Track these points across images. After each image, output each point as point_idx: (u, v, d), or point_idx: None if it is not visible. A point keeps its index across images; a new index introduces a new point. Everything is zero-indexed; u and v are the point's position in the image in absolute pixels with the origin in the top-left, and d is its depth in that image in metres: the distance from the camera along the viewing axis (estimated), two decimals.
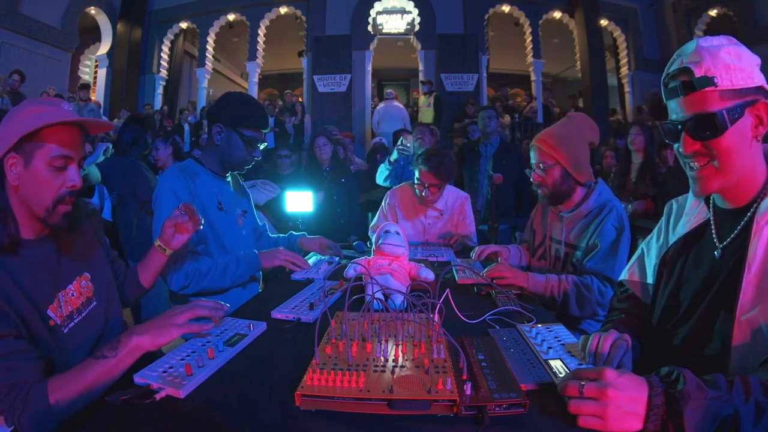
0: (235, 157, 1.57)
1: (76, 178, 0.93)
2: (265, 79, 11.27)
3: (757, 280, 0.77)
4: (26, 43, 7.16)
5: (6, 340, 0.80)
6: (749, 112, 0.78)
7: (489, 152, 3.64)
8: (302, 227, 3.09)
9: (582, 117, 1.71)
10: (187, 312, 0.91)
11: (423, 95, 7.87)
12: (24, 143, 0.88)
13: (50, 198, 0.91)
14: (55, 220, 0.92)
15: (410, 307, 0.96)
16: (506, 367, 0.82)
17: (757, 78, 0.78)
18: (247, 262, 1.54)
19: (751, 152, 0.80)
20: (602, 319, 1.50)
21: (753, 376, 0.67)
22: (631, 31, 9.12)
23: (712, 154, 0.81)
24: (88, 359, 0.83)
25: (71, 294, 0.98)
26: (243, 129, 1.54)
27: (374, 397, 0.70)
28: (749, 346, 0.77)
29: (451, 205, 2.34)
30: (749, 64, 0.78)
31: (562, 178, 1.58)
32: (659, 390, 0.66)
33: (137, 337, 0.85)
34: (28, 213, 0.92)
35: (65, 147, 0.91)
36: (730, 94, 0.78)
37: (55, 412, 0.77)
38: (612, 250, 1.50)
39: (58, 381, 0.79)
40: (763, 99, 0.78)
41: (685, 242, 0.96)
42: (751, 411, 0.63)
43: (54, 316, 0.92)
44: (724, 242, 0.86)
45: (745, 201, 0.84)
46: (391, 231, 1.45)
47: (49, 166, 0.90)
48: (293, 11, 8.90)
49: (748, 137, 0.79)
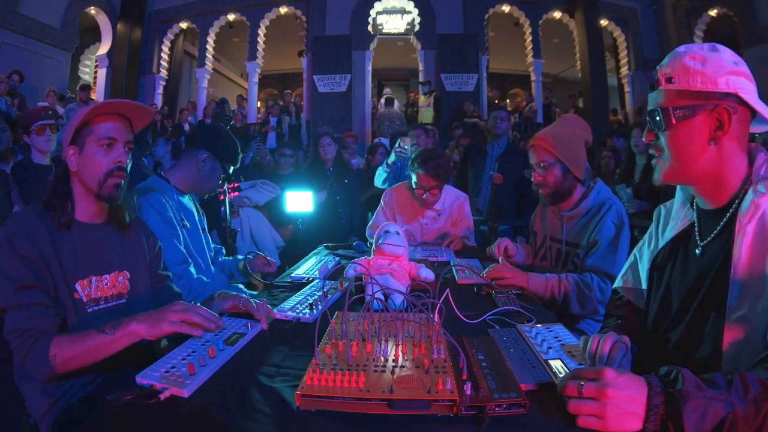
0: (208, 186, 1.70)
1: (122, 156, 1.10)
2: (265, 79, 11.27)
3: (744, 280, 0.79)
4: (26, 43, 7.16)
5: (33, 291, 0.96)
6: (705, 115, 0.82)
7: (496, 153, 3.63)
8: (302, 227, 3.09)
9: (574, 117, 1.75)
10: (183, 314, 0.95)
11: (423, 95, 7.87)
12: (78, 135, 1.07)
13: (102, 172, 1.07)
14: (107, 191, 1.08)
15: (410, 307, 0.96)
16: (506, 367, 0.82)
17: (724, 85, 0.80)
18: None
19: (714, 153, 0.83)
20: (602, 318, 1.51)
21: (751, 373, 0.67)
22: (631, 31, 9.12)
23: (661, 146, 0.88)
24: (91, 330, 0.93)
25: (105, 282, 1.11)
26: (226, 164, 1.69)
27: (374, 397, 0.70)
28: (741, 345, 0.78)
29: (449, 206, 2.34)
30: (715, 70, 0.80)
31: (563, 175, 1.59)
32: (658, 390, 0.66)
33: (135, 323, 0.93)
34: (86, 195, 1.09)
35: (110, 130, 1.08)
36: (685, 95, 0.83)
37: (51, 364, 0.91)
38: (612, 246, 1.51)
39: (62, 339, 0.94)
40: (724, 105, 0.80)
41: (673, 245, 0.97)
42: (750, 408, 0.63)
43: (81, 290, 1.04)
44: (704, 240, 0.89)
45: (724, 201, 0.86)
46: (391, 231, 1.45)
47: (98, 146, 1.07)
48: (293, 11, 8.90)
49: (702, 138, 0.83)
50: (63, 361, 0.92)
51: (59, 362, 0.91)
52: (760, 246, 0.78)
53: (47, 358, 0.91)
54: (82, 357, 0.93)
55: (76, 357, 0.92)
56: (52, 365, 0.91)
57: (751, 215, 0.79)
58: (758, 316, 0.77)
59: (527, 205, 3.63)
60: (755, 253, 0.78)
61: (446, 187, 2.30)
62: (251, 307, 1.12)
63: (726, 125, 0.81)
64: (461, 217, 2.34)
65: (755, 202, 0.79)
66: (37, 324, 0.94)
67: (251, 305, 1.12)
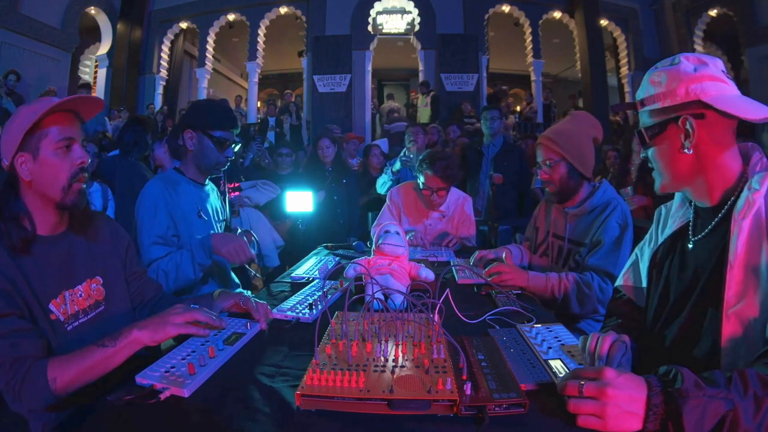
0: (208, 160, 1.61)
1: (83, 155, 1.00)
2: (265, 79, 11.27)
3: (741, 275, 0.80)
4: (26, 43, 7.15)
5: (9, 319, 0.86)
6: (673, 127, 0.87)
7: (491, 152, 3.63)
8: (302, 227, 3.09)
9: (585, 114, 1.73)
10: (187, 314, 0.94)
11: (421, 95, 7.91)
12: (28, 140, 0.94)
13: (65, 177, 0.97)
14: (71, 198, 0.98)
15: (410, 307, 0.96)
16: (506, 367, 0.82)
17: (684, 95, 0.84)
18: (200, 247, 1.46)
19: (692, 159, 0.87)
20: (602, 318, 1.51)
21: (750, 369, 0.68)
22: (631, 31, 9.12)
23: (651, 161, 0.95)
24: (89, 345, 0.87)
25: (79, 294, 1.02)
26: (212, 131, 1.59)
27: (374, 397, 0.70)
28: (739, 340, 0.79)
29: (453, 206, 2.34)
30: (674, 84, 0.85)
31: (568, 173, 1.59)
32: (657, 389, 0.66)
33: (137, 331, 0.89)
34: (44, 206, 0.98)
35: (65, 130, 0.97)
36: (655, 113, 0.90)
37: (51, 388, 0.83)
38: (615, 246, 1.51)
39: (59, 361, 0.85)
40: (686, 114, 0.84)
41: (671, 242, 1.00)
42: (750, 405, 0.63)
43: (56, 311, 0.96)
44: (697, 236, 0.92)
45: (716, 199, 0.89)
46: (391, 231, 1.45)
47: (55, 149, 0.96)
48: (293, 11, 8.90)
49: (674, 148, 0.88)
50: (64, 384, 0.84)
51: (60, 386, 0.83)
52: (756, 241, 0.80)
53: (46, 384, 0.82)
54: (84, 375, 0.85)
55: (77, 377, 0.85)
56: (53, 390, 0.83)
57: (746, 211, 0.81)
58: (755, 311, 0.78)
59: (527, 203, 3.63)
60: (751, 248, 0.80)
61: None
62: (251, 307, 1.11)
63: (693, 132, 0.84)
64: (463, 219, 2.34)
65: (750, 198, 0.81)
66: (24, 351, 0.85)
67: (251, 304, 1.12)
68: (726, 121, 0.84)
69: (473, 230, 2.37)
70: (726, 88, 0.83)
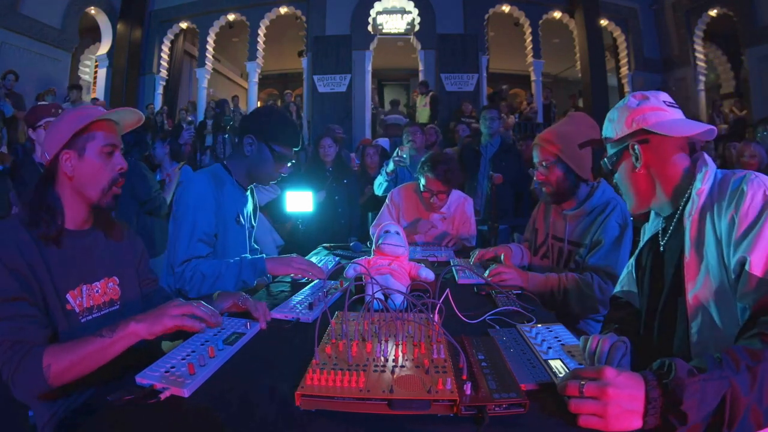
0: (262, 171, 1.59)
1: (122, 162, 1.08)
2: (265, 79, 11.27)
3: (694, 262, 0.92)
4: (26, 43, 7.15)
5: (20, 303, 0.90)
6: (626, 154, 1.03)
7: (489, 153, 3.64)
8: (302, 227, 3.09)
9: (582, 116, 1.71)
10: (184, 307, 0.94)
11: (420, 95, 7.93)
12: (76, 139, 1.02)
13: (106, 180, 1.05)
14: (107, 200, 1.06)
15: (410, 307, 0.96)
16: (506, 367, 0.82)
17: (629, 126, 1.01)
18: (252, 267, 1.47)
19: (645, 178, 1.02)
20: (602, 318, 1.51)
21: (736, 345, 0.72)
22: (631, 31, 9.11)
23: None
24: (86, 335, 0.88)
25: (96, 290, 1.06)
26: (275, 144, 1.56)
27: (374, 397, 0.70)
28: (704, 320, 0.89)
29: (453, 207, 2.35)
30: (623, 119, 1.02)
31: (564, 175, 1.58)
32: (654, 383, 0.66)
33: (134, 323, 0.89)
34: (77, 203, 1.05)
35: (110, 137, 1.06)
36: (612, 145, 1.08)
37: (45, 376, 0.84)
38: (615, 246, 1.51)
39: (55, 348, 0.87)
40: (633, 141, 1.01)
41: (650, 246, 1.11)
42: (745, 377, 0.65)
43: (72, 301, 0.99)
44: (664, 239, 1.05)
45: (675, 206, 1.01)
46: (391, 231, 1.45)
47: (100, 153, 1.04)
48: (293, 11, 8.90)
49: (630, 169, 1.03)
50: (58, 372, 0.84)
51: (54, 373, 0.84)
52: (701, 233, 0.91)
53: (40, 371, 0.84)
54: (79, 365, 0.86)
55: (72, 366, 0.85)
56: (46, 377, 0.84)
57: (692, 208, 0.93)
58: (709, 294, 0.88)
59: (524, 203, 3.63)
60: (698, 240, 0.92)
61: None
62: (250, 306, 1.12)
63: (639, 155, 1.00)
64: (464, 220, 2.35)
65: (693, 197, 0.93)
66: (27, 336, 0.88)
67: (251, 304, 1.12)
68: (669, 140, 0.97)
69: (473, 230, 2.37)
70: (665, 115, 0.98)
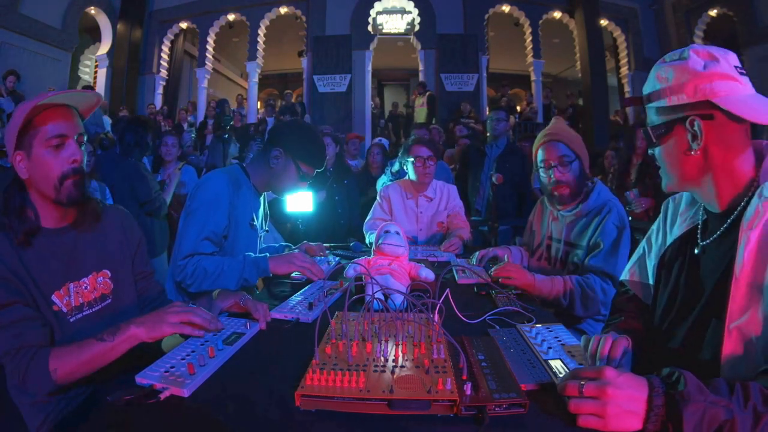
0: (284, 185, 1.62)
1: (75, 153, 0.98)
2: (265, 79, 11.28)
3: (745, 289, 0.76)
4: (26, 43, 7.15)
5: (14, 308, 0.89)
6: (681, 128, 0.82)
7: (494, 153, 3.64)
8: (302, 227, 3.09)
9: (561, 119, 1.77)
10: (183, 315, 0.94)
11: (418, 95, 7.95)
12: (23, 138, 0.94)
13: (55, 176, 0.96)
14: (65, 194, 0.97)
15: (410, 307, 0.96)
16: (506, 367, 0.82)
17: (692, 94, 0.78)
18: (254, 265, 1.47)
19: (700, 161, 0.82)
20: (603, 318, 1.51)
21: (754, 383, 0.66)
22: (631, 31, 9.12)
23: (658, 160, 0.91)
24: (88, 339, 0.90)
25: (84, 287, 1.03)
26: (302, 163, 1.58)
27: (374, 397, 0.70)
28: (741, 357, 0.76)
29: (439, 191, 2.41)
30: (682, 81, 0.79)
31: (581, 172, 1.59)
32: (660, 390, 0.65)
33: (135, 327, 0.90)
34: (45, 202, 0.99)
35: (58, 127, 0.96)
36: (663, 111, 0.84)
37: (53, 377, 0.87)
38: (614, 248, 1.50)
39: (60, 351, 0.89)
40: (695, 114, 0.79)
41: (680, 244, 0.96)
42: (748, 418, 0.62)
43: (59, 302, 0.97)
44: (705, 241, 0.88)
45: (724, 205, 0.84)
46: (391, 231, 1.45)
47: (46, 147, 0.95)
48: (293, 11, 8.91)
49: (681, 149, 0.83)
50: (64, 375, 0.88)
51: (61, 376, 0.87)
52: (764, 254, 0.75)
53: (48, 374, 0.86)
54: (83, 367, 0.89)
55: (77, 368, 0.88)
56: (54, 379, 0.87)
57: (754, 221, 0.76)
58: (758, 328, 0.74)
59: (526, 204, 3.63)
60: (758, 261, 0.75)
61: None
62: (251, 307, 1.11)
63: (700, 134, 0.80)
64: (453, 204, 2.41)
65: (759, 207, 0.76)
66: (28, 340, 0.89)
67: (251, 305, 1.12)
68: (737, 123, 0.78)
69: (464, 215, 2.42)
70: (738, 86, 0.77)
